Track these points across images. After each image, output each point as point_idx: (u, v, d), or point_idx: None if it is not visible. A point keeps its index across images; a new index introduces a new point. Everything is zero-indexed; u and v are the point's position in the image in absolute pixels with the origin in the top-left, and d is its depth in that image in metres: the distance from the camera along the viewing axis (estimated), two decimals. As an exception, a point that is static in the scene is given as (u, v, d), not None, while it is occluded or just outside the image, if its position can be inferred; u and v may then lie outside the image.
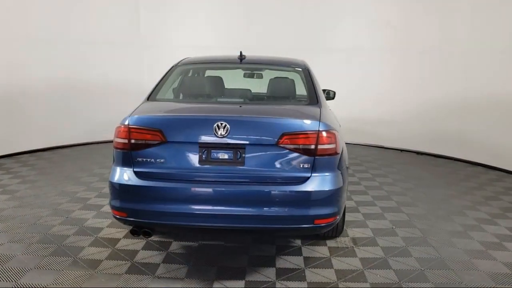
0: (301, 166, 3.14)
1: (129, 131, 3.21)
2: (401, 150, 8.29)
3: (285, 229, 3.20)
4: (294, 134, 3.12)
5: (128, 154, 3.22)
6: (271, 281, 3.30)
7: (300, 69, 4.18)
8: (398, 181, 6.16)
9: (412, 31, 7.91)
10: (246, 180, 3.14)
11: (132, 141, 3.20)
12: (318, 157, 3.14)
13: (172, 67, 4.22)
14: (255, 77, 5.02)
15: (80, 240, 3.93)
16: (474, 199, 5.43)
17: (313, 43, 8.52)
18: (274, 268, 3.50)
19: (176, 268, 3.46)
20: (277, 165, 3.14)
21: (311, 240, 4.02)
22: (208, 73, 4.70)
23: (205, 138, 3.15)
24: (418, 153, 8.11)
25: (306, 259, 3.67)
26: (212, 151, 3.16)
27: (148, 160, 3.19)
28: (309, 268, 3.51)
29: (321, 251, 3.83)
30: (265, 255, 3.73)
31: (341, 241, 4.04)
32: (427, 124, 7.89)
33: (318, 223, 3.14)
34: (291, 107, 3.74)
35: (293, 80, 4.13)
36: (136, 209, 3.17)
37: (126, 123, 3.24)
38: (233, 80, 4.89)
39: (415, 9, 7.86)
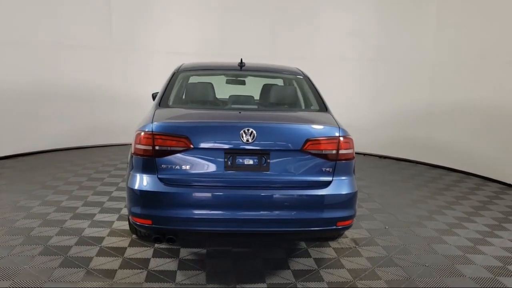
0: (323, 170, 3.27)
1: (153, 138, 3.18)
2: (364, 154, 8.67)
3: (309, 232, 3.32)
4: (317, 140, 3.25)
5: (151, 160, 3.19)
6: (291, 282, 3.39)
7: (301, 77, 4.32)
8: (375, 184, 6.47)
9: (381, 41, 8.33)
10: (271, 185, 3.22)
11: (157, 147, 3.17)
12: (339, 161, 3.29)
13: (174, 73, 4.20)
14: (241, 83, 5.07)
15: (85, 250, 3.80)
16: (446, 199, 5.84)
17: (285, 51, 8.71)
18: (289, 270, 3.59)
19: (195, 275, 3.46)
20: (301, 170, 3.25)
21: (314, 242, 4.16)
22: (207, 79, 4.69)
23: (230, 144, 3.20)
24: (380, 157, 8.53)
25: (317, 260, 3.80)
26: (237, 157, 3.21)
27: (173, 166, 3.18)
28: (322, 269, 3.64)
29: (327, 252, 3.98)
30: (276, 258, 3.82)
31: (343, 242, 4.21)
32: (391, 130, 8.32)
33: (340, 225, 3.29)
34: (306, 113, 3.85)
35: (296, 88, 4.26)
36: (162, 216, 3.15)
37: (149, 129, 3.21)
38: (222, 86, 4.93)
39: (383, 19, 8.28)
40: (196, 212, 3.15)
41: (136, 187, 3.20)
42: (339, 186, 3.28)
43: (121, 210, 4.87)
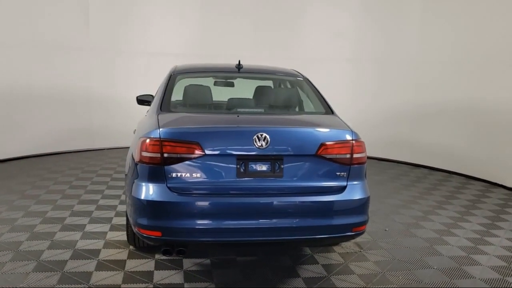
0: (337, 175, 3.19)
1: (161, 144, 3.01)
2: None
3: (325, 238, 3.23)
4: (332, 144, 3.16)
5: (159, 168, 3.01)
6: (305, 291, 3.29)
7: (301, 79, 4.22)
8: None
9: (365, 41, 8.37)
10: (286, 191, 3.11)
11: (165, 155, 3.00)
12: (353, 166, 3.21)
13: (171, 75, 4.01)
14: (229, 85, 4.93)
15: (82, 265, 3.57)
16: (435, 198, 5.90)
17: (270, 51, 8.63)
18: (300, 278, 3.49)
19: (204, 287, 3.31)
20: (315, 175, 3.16)
21: (318, 247, 4.07)
22: (204, 82, 4.52)
23: (243, 150, 3.06)
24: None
25: (325, 266, 3.72)
26: (250, 163, 3.08)
27: (183, 174, 3.02)
28: (333, 275, 3.56)
29: (334, 257, 3.90)
30: (284, 266, 3.71)
31: (347, 247, 4.15)
32: (375, 130, 8.35)
33: (355, 231, 3.22)
34: (315, 117, 3.74)
35: (297, 90, 4.16)
36: (172, 227, 2.97)
37: (156, 135, 3.03)
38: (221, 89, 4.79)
39: (367, 19, 8.33)
40: (209, 222, 3.00)
41: (143, 197, 3.02)
42: (353, 191, 3.20)
43: (111, 219, 4.64)
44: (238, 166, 3.06)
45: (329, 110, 3.79)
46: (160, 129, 3.05)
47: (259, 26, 8.79)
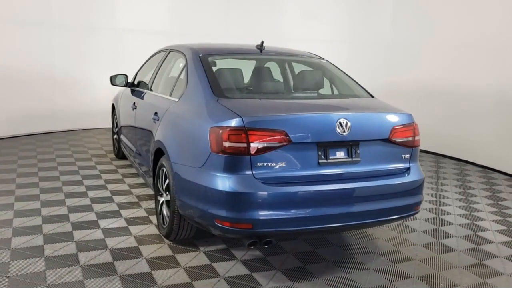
0: (403, 157, 3.34)
1: (246, 134, 2.86)
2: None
3: (395, 219, 3.37)
4: (401, 128, 3.29)
5: (245, 159, 2.88)
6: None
7: (324, 60, 4.25)
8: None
9: (338, 22, 8.56)
10: (363, 176, 3.18)
11: (252, 144, 2.87)
12: (414, 148, 3.38)
13: (200, 57, 3.76)
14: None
15: (132, 265, 3.26)
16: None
17: (244, 31, 8.47)
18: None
19: (273, 274, 3.26)
20: (386, 158, 3.28)
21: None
22: (233, 64, 4.28)
23: (325, 137, 3.05)
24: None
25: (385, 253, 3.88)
26: (329, 149, 3.08)
27: (269, 164, 2.92)
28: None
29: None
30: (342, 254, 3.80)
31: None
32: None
33: (416, 210, 3.41)
34: (370, 101, 3.76)
35: (333, 73, 4.16)
36: (263, 219, 2.87)
37: (239, 124, 2.87)
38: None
39: (340, 3, 8.52)
40: (297, 211, 2.95)
41: (229, 189, 2.87)
42: (416, 172, 3.39)
43: (118, 212, 4.28)
44: (320, 153, 3.05)
45: (369, 93, 3.90)
46: (244, 118, 2.89)
47: (232, 5, 8.62)
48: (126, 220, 4.12)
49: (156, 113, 3.97)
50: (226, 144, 2.88)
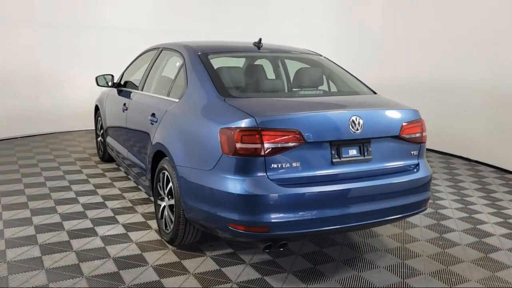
0: (412, 154, 3.33)
1: (260, 134, 2.77)
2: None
3: (407, 216, 3.34)
4: (410, 124, 3.27)
5: (258, 160, 2.78)
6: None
7: (322, 57, 4.20)
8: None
9: (328, 19, 8.53)
10: (375, 174, 3.14)
11: (267, 145, 2.78)
12: (422, 144, 3.37)
13: (199, 56, 3.64)
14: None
15: (139, 274, 3.13)
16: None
17: (232, 28, 8.35)
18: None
19: (285, 277, 3.19)
20: (396, 155, 3.25)
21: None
22: (232, 62, 4.15)
23: (338, 135, 2.99)
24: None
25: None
26: (342, 148, 3.03)
27: (283, 165, 2.84)
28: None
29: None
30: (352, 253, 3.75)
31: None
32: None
33: (425, 206, 3.40)
34: (374, 97, 3.71)
35: (332, 70, 4.10)
36: (280, 222, 2.79)
37: (253, 124, 2.78)
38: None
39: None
40: (313, 212, 2.88)
41: (243, 192, 2.77)
42: (424, 168, 3.38)
43: (114, 218, 4.11)
44: (333, 152, 2.99)
45: (371, 90, 3.87)
46: (257, 117, 2.80)
47: (220, 2, 8.47)
48: (124, 226, 3.96)
49: (153, 114, 3.82)
50: (239, 145, 2.78)
